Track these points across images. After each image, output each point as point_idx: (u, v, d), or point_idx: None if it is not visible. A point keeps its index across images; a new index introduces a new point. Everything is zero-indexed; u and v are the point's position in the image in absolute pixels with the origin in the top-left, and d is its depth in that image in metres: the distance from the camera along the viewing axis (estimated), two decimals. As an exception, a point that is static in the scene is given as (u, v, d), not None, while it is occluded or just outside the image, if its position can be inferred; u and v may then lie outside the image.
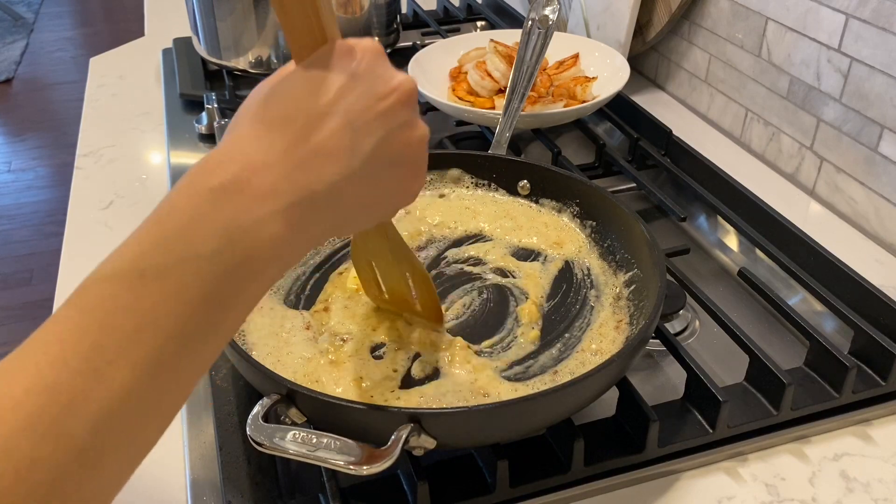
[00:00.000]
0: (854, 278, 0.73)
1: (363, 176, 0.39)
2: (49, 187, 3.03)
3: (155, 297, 0.33)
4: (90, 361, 0.32)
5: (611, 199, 0.74)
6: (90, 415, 0.32)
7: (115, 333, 0.33)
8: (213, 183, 0.35)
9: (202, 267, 0.34)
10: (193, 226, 0.35)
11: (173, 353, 0.34)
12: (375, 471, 0.48)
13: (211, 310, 0.35)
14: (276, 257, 0.36)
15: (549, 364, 0.63)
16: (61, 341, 0.32)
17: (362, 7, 1.15)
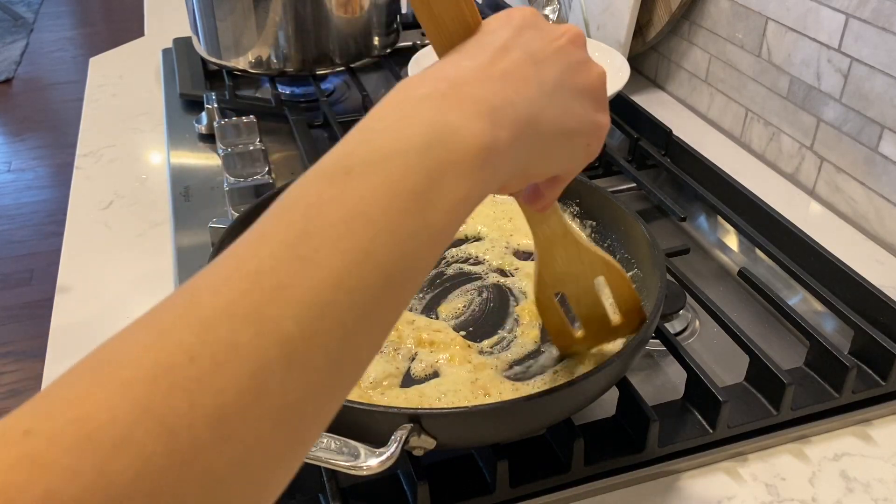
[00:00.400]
0: (854, 278, 0.73)
1: (555, 102, 0.40)
2: (49, 187, 3.03)
3: (363, 190, 0.32)
4: (296, 249, 0.30)
5: (611, 199, 0.74)
6: (297, 303, 0.29)
7: (322, 223, 0.31)
8: (419, 92, 0.36)
9: (411, 161, 0.33)
10: (401, 125, 0.35)
11: (385, 246, 0.32)
12: (375, 471, 0.48)
13: (421, 205, 0.33)
14: (481, 161, 0.35)
15: (549, 364, 0.63)
16: (264, 234, 0.31)
17: (362, 7, 1.15)
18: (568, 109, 0.41)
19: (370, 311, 0.31)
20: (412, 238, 0.33)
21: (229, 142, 1.00)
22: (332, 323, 0.29)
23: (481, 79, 0.37)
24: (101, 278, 0.84)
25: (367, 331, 0.31)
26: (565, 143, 0.42)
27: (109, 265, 0.86)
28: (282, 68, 1.15)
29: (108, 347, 0.27)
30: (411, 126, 0.34)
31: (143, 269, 0.85)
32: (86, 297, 0.82)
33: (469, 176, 0.35)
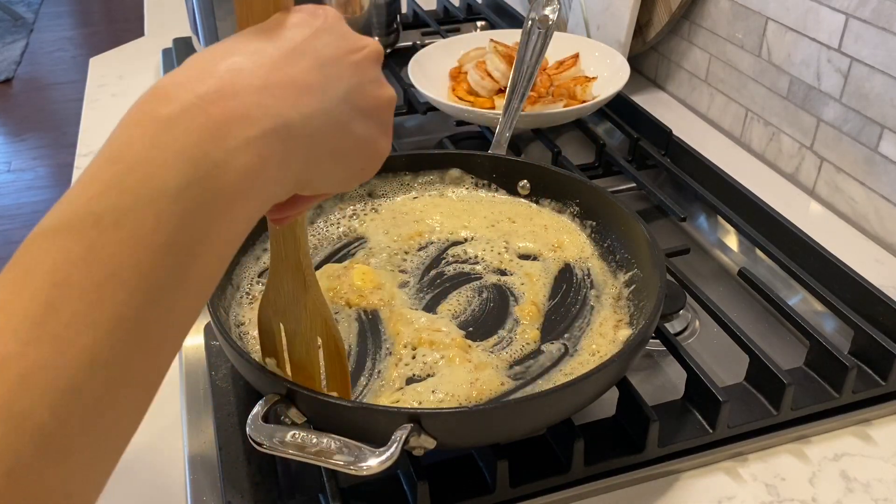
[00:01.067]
0: (854, 278, 0.73)
1: (335, 119, 0.36)
2: (49, 187, 3.03)
3: (113, 247, 0.28)
4: (43, 327, 0.26)
5: (611, 199, 0.74)
6: (48, 390, 0.26)
7: (70, 292, 0.27)
8: (171, 109, 0.30)
9: (165, 206, 0.29)
10: (152, 160, 0.29)
11: (140, 308, 0.28)
12: (375, 471, 0.48)
13: (179, 256, 0.29)
14: (247, 193, 0.31)
15: (549, 363, 0.63)
16: (4, 308, 0.27)
17: (362, 7, 1.15)
18: (347, 128, 0.37)
19: (131, 378, 0.29)
20: (171, 293, 0.29)
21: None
22: (89, 400, 0.27)
23: (258, 85, 0.33)
24: (101, 278, 0.84)
25: (131, 396, 0.29)
26: (339, 163, 0.38)
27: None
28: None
29: None
30: (163, 162, 0.29)
31: (143, 269, 0.85)
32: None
33: (231, 211, 0.31)
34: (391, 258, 0.74)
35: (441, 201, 0.81)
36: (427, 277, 0.72)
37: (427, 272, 0.72)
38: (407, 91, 1.12)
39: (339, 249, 0.75)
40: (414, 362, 0.62)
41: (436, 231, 0.78)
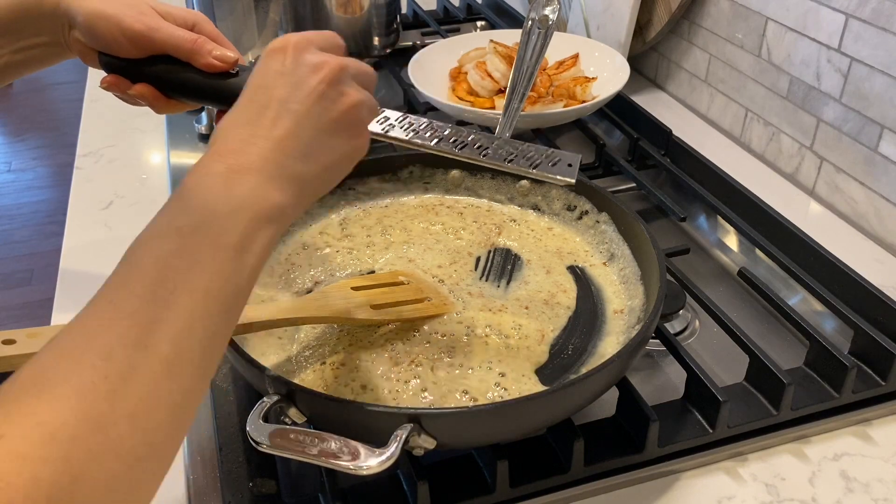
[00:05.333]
0: (854, 278, 0.73)
1: (316, 149, 0.49)
2: (49, 187, 3.03)
3: (195, 246, 0.42)
4: (157, 292, 0.40)
5: (611, 199, 0.74)
6: (168, 333, 0.39)
7: (171, 272, 0.41)
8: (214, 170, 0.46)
9: (226, 223, 0.44)
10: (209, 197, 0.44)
11: (219, 286, 0.42)
12: (375, 471, 0.48)
13: (239, 253, 0.44)
14: (274, 215, 0.46)
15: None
16: (126, 283, 0.41)
17: (362, 7, 1.15)
18: (329, 148, 0.50)
19: (217, 329, 0.43)
20: (236, 276, 0.44)
21: (229, 142, 0.99)
22: (193, 342, 0.40)
23: (256, 149, 0.47)
24: (100, 278, 0.84)
25: (219, 342, 0.43)
26: (333, 170, 0.51)
27: (109, 265, 0.86)
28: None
29: (36, 369, 0.36)
30: (216, 199, 0.44)
31: (143, 269, 0.85)
32: (86, 297, 0.82)
33: (269, 227, 0.46)
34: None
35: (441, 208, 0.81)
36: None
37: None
38: (407, 91, 1.12)
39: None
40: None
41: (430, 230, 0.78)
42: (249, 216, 0.45)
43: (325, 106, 0.49)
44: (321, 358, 0.62)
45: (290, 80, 0.49)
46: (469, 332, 0.65)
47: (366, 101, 0.52)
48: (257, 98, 0.49)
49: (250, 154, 0.47)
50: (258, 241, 0.45)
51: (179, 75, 0.62)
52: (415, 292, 0.68)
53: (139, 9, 0.62)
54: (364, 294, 0.65)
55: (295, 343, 0.64)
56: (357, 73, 0.52)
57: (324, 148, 0.49)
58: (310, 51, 0.50)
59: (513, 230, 0.78)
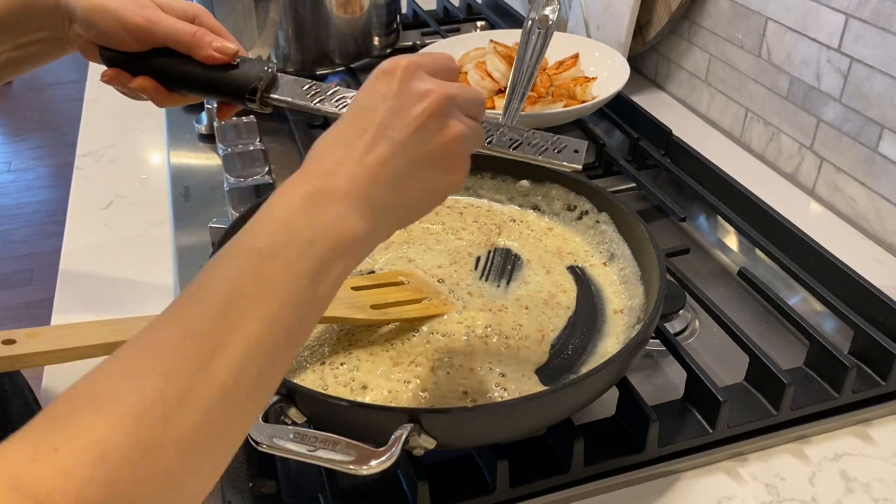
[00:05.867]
0: (854, 278, 0.73)
1: (408, 176, 0.47)
2: (49, 187, 3.03)
3: (270, 270, 0.41)
4: (226, 315, 0.39)
5: (611, 199, 0.74)
6: (230, 359, 0.38)
7: (242, 296, 0.40)
8: (301, 190, 0.44)
9: (304, 250, 0.42)
10: (292, 220, 0.43)
11: (287, 314, 0.41)
12: (375, 471, 0.48)
13: (313, 282, 0.42)
14: (354, 245, 0.45)
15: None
16: (199, 302, 0.40)
17: (362, 7, 1.15)
18: (423, 179, 0.48)
19: (278, 360, 0.41)
20: (307, 305, 0.42)
21: (229, 142, 1.00)
22: (252, 371, 0.39)
23: (347, 174, 0.45)
24: (101, 278, 0.84)
25: (276, 374, 0.42)
26: (422, 204, 0.50)
27: (109, 265, 0.86)
28: (282, 68, 1.14)
29: (97, 384, 0.36)
30: (299, 222, 0.43)
31: (143, 269, 0.85)
32: (86, 297, 0.82)
33: (347, 257, 0.45)
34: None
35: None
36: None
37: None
38: (407, 91, 1.12)
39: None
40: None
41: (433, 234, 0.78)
42: (330, 244, 0.43)
43: (425, 137, 0.47)
44: (321, 358, 0.62)
45: (394, 105, 0.48)
46: (469, 333, 0.65)
47: (468, 134, 0.49)
48: (358, 121, 0.48)
49: (340, 178, 0.45)
50: (334, 270, 0.44)
51: (180, 68, 0.62)
52: (415, 292, 0.68)
53: (139, 2, 0.62)
54: (364, 294, 0.65)
55: (295, 343, 0.64)
56: (465, 101, 0.50)
57: (416, 180, 0.48)
58: (418, 76, 0.48)
59: (513, 230, 0.78)
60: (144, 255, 0.87)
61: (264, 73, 0.62)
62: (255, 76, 0.62)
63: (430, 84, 0.48)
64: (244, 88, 0.62)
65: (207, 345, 0.38)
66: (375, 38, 1.20)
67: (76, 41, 0.66)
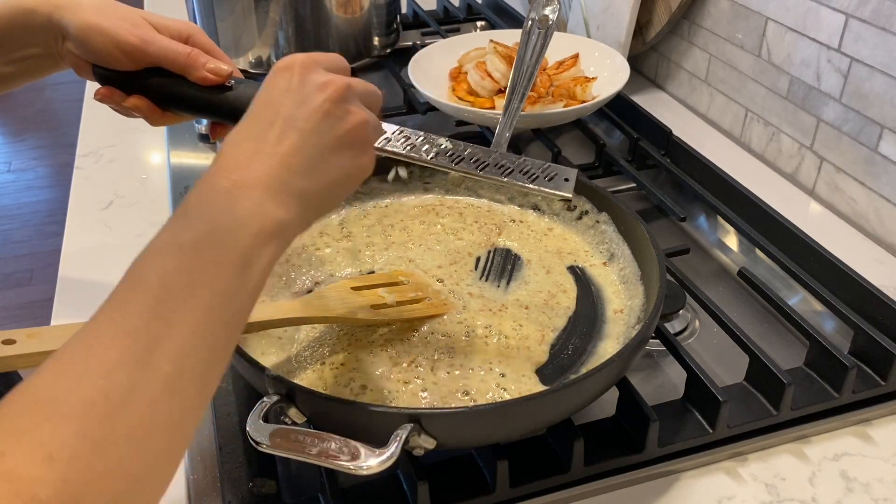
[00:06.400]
0: (854, 278, 0.73)
1: (322, 166, 0.49)
2: (49, 187, 3.03)
3: (198, 263, 0.42)
4: (159, 311, 0.40)
5: (611, 199, 0.74)
6: (169, 351, 0.39)
7: (173, 290, 0.41)
8: (219, 186, 0.46)
9: (227, 241, 0.43)
10: (212, 213, 0.44)
11: (220, 303, 0.42)
12: (375, 471, 0.48)
13: (241, 270, 0.43)
14: (276, 232, 0.46)
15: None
16: (128, 300, 0.40)
17: (362, 7, 1.15)
18: (334, 165, 0.50)
19: (218, 346, 0.42)
20: (239, 293, 0.44)
21: (229, 142, 0.99)
22: (194, 360, 0.40)
23: (260, 165, 0.47)
24: (101, 278, 0.84)
25: (220, 362, 0.43)
26: (337, 188, 0.51)
27: (109, 265, 0.86)
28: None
29: (37, 388, 0.36)
30: (220, 214, 0.44)
31: (143, 269, 0.85)
32: (86, 297, 0.82)
33: (272, 244, 0.46)
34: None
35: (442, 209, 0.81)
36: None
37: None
38: (407, 91, 1.12)
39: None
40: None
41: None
42: (253, 232, 0.44)
43: (331, 123, 0.49)
44: (321, 358, 0.62)
45: (297, 97, 0.49)
46: (469, 333, 0.65)
47: (371, 121, 0.52)
48: (263, 115, 0.49)
49: (255, 170, 0.46)
50: (261, 257, 0.45)
51: (174, 88, 0.62)
52: (415, 292, 0.68)
53: (133, 21, 0.62)
54: (364, 294, 0.65)
55: (295, 343, 0.64)
56: (363, 92, 0.53)
57: (329, 165, 0.49)
58: (316, 70, 0.51)
59: (513, 230, 0.78)
60: (144, 255, 0.87)
61: None
62: (248, 98, 0.62)
63: (329, 75, 0.51)
64: (238, 110, 0.61)
65: (144, 340, 0.38)
66: (375, 38, 1.20)
67: (69, 58, 0.66)
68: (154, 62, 0.62)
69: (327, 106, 0.49)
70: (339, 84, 0.50)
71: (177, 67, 0.62)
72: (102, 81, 0.64)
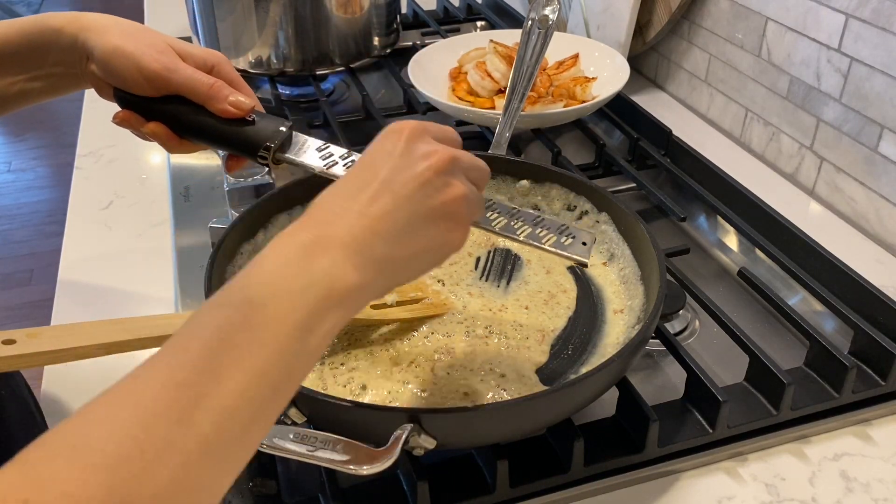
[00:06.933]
0: (854, 278, 0.73)
1: (409, 231, 0.47)
2: (49, 187, 3.03)
3: (260, 320, 0.40)
4: (211, 365, 0.38)
5: (611, 199, 0.74)
6: (213, 411, 0.37)
7: (229, 346, 0.39)
8: (298, 239, 0.44)
9: (295, 300, 0.42)
10: (285, 269, 0.43)
11: (274, 365, 0.40)
12: (375, 471, 0.48)
13: (303, 334, 0.41)
14: (348, 297, 0.44)
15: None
16: (186, 350, 0.39)
17: (362, 7, 1.15)
18: (423, 236, 0.48)
19: (264, 413, 0.40)
20: (296, 357, 0.41)
21: (229, 142, 0.99)
22: (235, 424, 0.38)
23: (346, 223, 0.45)
24: (101, 278, 0.84)
25: (262, 427, 0.41)
26: (422, 260, 0.49)
27: (109, 265, 0.86)
28: (282, 68, 1.14)
29: (74, 430, 0.35)
30: (292, 271, 0.42)
31: (143, 269, 0.85)
32: (86, 297, 0.82)
33: (339, 309, 0.43)
34: None
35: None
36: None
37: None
38: (407, 91, 1.12)
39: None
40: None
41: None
42: (322, 294, 0.42)
43: (429, 193, 0.48)
44: (321, 358, 0.62)
45: (399, 162, 0.48)
46: (469, 333, 0.65)
47: (470, 196, 0.50)
48: (361, 175, 0.48)
49: (339, 227, 0.45)
50: (325, 323, 0.43)
51: (194, 118, 0.62)
52: (415, 292, 0.68)
53: (158, 48, 0.62)
54: None
55: (295, 343, 0.64)
56: (468, 167, 0.51)
57: (417, 235, 0.48)
58: (424, 139, 0.50)
59: (513, 230, 0.78)
60: (144, 255, 0.87)
61: (279, 133, 0.61)
62: (269, 134, 0.61)
63: (435, 145, 0.49)
64: (258, 145, 0.61)
65: (190, 395, 0.37)
66: (375, 38, 1.20)
67: (91, 79, 0.66)
68: (176, 90, 0.61)
69: (428, 175, 0.48)
70: (444, 155, 0.49)
71: (199, 97, 0.61)
72: (123, 105, 0.64)
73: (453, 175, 0.49)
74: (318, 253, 0.43)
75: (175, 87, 0.61)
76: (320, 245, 0.44)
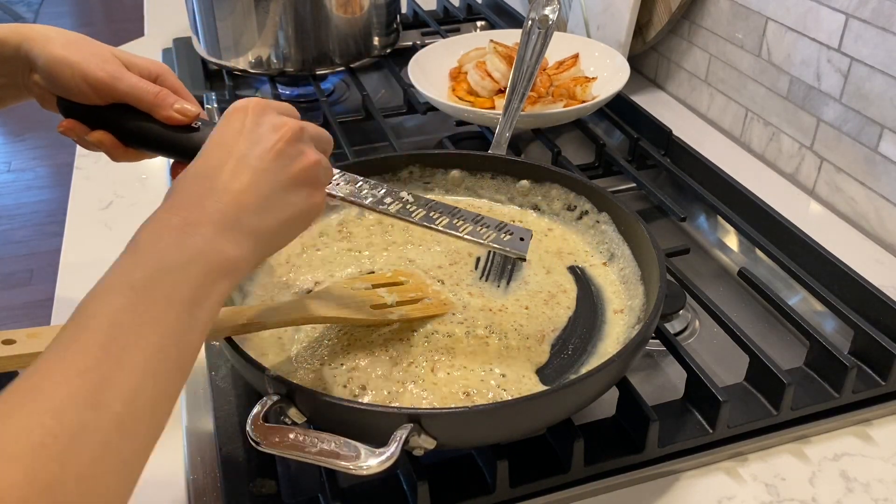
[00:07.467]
0: (854, 278, 0.73)
1: (274, 204, 0.50)
2: (49, 187, 3.03)
3: (147, 302, 0.42)
4: (109, 350, 0.40)
5: (611, 199, 0.74)
6: (120, 390, 0.39)
7: (122, 330, 0.41)
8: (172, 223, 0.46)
9: (178, 278, 0.44)
10: (163, 251, 0.45)
11: (170, 341, 0.42)
12: (375, 471, 0.48)
13: (191, 308, 0.44)
14: (227, 268, 0.47)
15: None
16: (78, 339, 0.40)
17: (362, 7, 1.15)
18: (286, 204, 0.51)
19: (169, 384, 0.42)
20: (188, 331, 0.44)
21: (229, 142, 0.99)
22: (145, 399, 0.40)
23: (212, 202, 0.47)
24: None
25: (170, 398, 0.43)
26: (290, 226, 0.52)
27: (109, 265, 0.86)
28: (282, 68, 1.14)
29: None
30: (170, 252, 0.45)
31: (143, 269, 0.85)
32: (86, 297, 0.82)
33: (222, 282, 0.46)
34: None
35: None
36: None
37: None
38: (407, 91, 1.12)
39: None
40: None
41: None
42: (203, 269, 0.45)
43: (284, 163, 0.51)
44: (321, 358, 0.62)
45: (250, 137, 0.51)
46: (469, 333, 0.65)
47: (322, 162, 0.54)
48: (216, 154, 0.50)
49: (206, 207, 0.47)
50: (211, 295, 0.45)
51: (139, 125, 0.62)
52: (415, 292, 0.68)
53: (102, 56, 0.62)
54: (364, 294, 0.65)
55: (295, 343, 0.64)
56: (315, 135, 0.55)
57: (281, 203, 0.51)
58: (269, 113, 0.53)
59: (513, 230, 0.78)
60: (144, 255, 0.87)
61: None
62: None
63: (282, 118, 0.53)
64: None
65: (94, 379, 0.38)
66: (375, 38, 1.20)
67: (34, 90, 0.66)
68: (122, 98, 0.61)
69: (280, 146, 0.51)
70: (293, 125, 0.52)
71: (144, 105, 0.61)
72: (66, 114, 0.64)
73: (304, 143, 0.53)
74: (190, 233, 0.46)
75: (121, 95, 0.61)
76: (191, 225, 0.46)
